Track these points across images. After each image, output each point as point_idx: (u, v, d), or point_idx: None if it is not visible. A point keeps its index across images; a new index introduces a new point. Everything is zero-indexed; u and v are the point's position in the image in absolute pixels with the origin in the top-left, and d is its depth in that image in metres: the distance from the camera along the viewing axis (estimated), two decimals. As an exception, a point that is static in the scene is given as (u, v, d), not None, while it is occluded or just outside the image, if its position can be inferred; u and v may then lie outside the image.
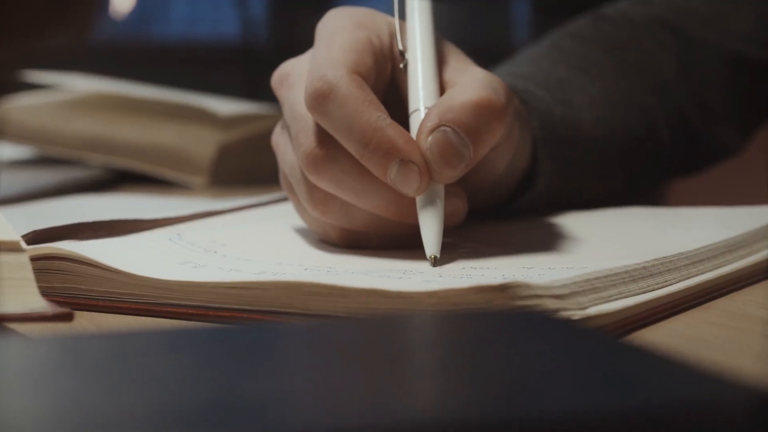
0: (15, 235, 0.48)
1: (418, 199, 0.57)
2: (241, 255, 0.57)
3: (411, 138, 0.56)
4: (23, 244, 0.48)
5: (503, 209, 0.70)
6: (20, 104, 1.10)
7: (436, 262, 0.55)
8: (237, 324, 0.50)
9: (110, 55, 2.82)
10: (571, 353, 0.34)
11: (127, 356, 0.33)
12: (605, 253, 0.59)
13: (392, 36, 0.61)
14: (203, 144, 1.03)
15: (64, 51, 0.34)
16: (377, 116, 0.56)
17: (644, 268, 0.51)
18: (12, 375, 0.32)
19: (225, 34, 3.07)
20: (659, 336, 0.47)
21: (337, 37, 0.59)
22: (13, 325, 0.47)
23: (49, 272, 0.55)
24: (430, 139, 0.56)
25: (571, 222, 0.67)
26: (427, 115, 0.57)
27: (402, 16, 0.63)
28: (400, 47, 0.61)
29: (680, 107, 0.82)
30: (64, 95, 1.11)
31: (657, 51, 0.83)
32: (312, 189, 0.58)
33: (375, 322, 0.40)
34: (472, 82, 0.58)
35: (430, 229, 0.56)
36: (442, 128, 0.56)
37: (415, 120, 0.58)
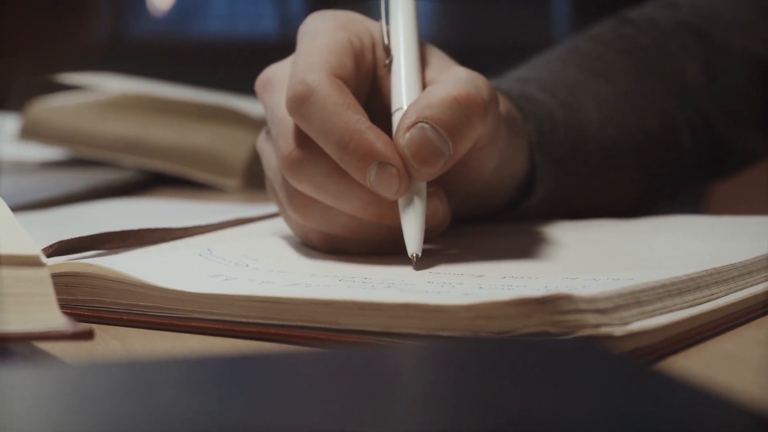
0: (35, 249, 0.46)
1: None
2: (274, 267, 0.56)
3: (390, 140, 0.56)
4: (43, 259, 0.46)
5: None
6: (53, 105, 1.09)
7: (419, 262, 0.55)
8: (264, 340, 0.49)
9: (150, 51, 2.83)
10: (599, 387, 0.32)
11: (136, 387, 0.32)
12: (650, 263, 0.57)
13: (373, 39, 0.61)
14: (237, 146, 1.02)
15: (78, 52, 0.32)
16: (356, 119, 0.56)
17: (692, 279, 0.49)
18: (18, 403, 0.31)
19: (264, 31, 3.07)
20: (705, 358, 0.45)
21: (318, 39, 0.59)
22: (35, 343, 0.46)
23: (72, 285, 0.53)
24: (407, 136, 0.56)
25: (609, 229, 0.66)
26: (405, 112, 0.57)
27: (387, 18, 0.62)
28: (387, 44, 0.61)
29: (705, 112, 0.81)
30: (98, 96, 1.11)
31: (681, 55, 0.81)
32: (292, 193, 0.58)
33: (382, 352, 0.38)
34: (452, 79, 0.58)
35: (412, 227, 0.56)
36: (420, 125, 0.56)
37: (398, 118, 0.58)
